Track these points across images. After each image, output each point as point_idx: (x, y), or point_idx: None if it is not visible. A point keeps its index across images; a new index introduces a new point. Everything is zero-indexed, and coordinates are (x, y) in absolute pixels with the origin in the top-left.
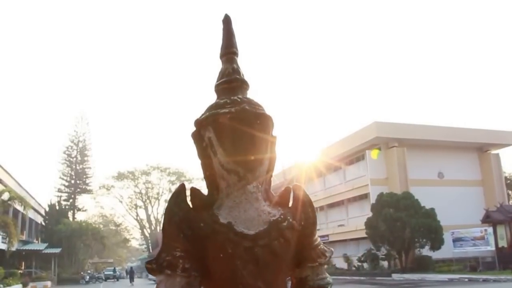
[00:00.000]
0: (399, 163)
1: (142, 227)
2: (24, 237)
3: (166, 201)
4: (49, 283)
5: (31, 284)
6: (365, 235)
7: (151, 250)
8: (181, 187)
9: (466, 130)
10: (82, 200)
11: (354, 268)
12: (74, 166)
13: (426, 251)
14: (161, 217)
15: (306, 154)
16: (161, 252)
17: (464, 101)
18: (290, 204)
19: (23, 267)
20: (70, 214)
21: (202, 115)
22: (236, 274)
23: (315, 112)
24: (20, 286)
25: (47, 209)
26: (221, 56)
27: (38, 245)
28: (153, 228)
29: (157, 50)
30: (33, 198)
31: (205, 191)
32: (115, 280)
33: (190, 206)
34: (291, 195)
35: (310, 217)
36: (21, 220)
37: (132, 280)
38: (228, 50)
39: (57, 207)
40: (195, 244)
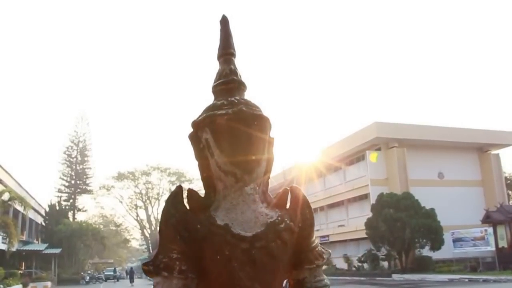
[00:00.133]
0: (399, 164)
1: (142, 228)
2: (24, 238)
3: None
4: (49, 283)
5: (31, 285)
6: (365, 236)
7: (151, 251)
8: (178, 189)
9: (466, 131)
10: (82, 200)
11: (354, 269)
12: (74, 167)
13: (426, 251)
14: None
15: (306, 154)
16: (158, 254)
17: (464, 102)
18: (287, 206)
19: (23, 268)
20: (70, 214)
21: (199, 116)
22: (233, 276)
23: (315, 113)
24: (20, 286)
25: (47, 209)
26: (219, 57)
27: (38, 246)
28: (153, 228)
29: (158, 51)
30: (33, 199)
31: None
32: (115, 280)
33: (187, 207)
34: (289, 196)
35: (307, 219)
36: (21, 221)
37: (132, 281)
38: (226, 51)
39: (57, 208)
40: (192, 246)
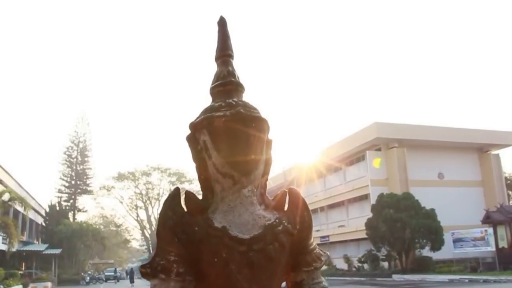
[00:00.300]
0: (399, 164)
1: (142, 228)
2: (24, 238)
3: None
4: (49, 284)
5: (31, 285)
6: (365, 236)
7: (151, 251)
8: (176, 191)
9: (466, 131)
10: (82, 200)
11: (354, 269)
12: (74, 167)
13: (426, 251)
14: None
15: (307, 155)
16: (155, 256)
17: (464, 102)
18: (285, 208)
19: (23, 268)
20: (70, 214)
21: (197, 118)
22: (230, 278)
23: (315, 113)
24: (20, 287)
25: (47, 209)
26: (216, 59)
27: (38, 246)
28: (153, 229)
29: (159, 51)
30: (34, 199)
31: None
32: (116, 281)
33: (185, 209)
34: (287, 198)
35: (305, 221)
36: (21, 221)
37: (132, 281)
38: (224, 52)
39: (58, 208)
40: (189, 248)
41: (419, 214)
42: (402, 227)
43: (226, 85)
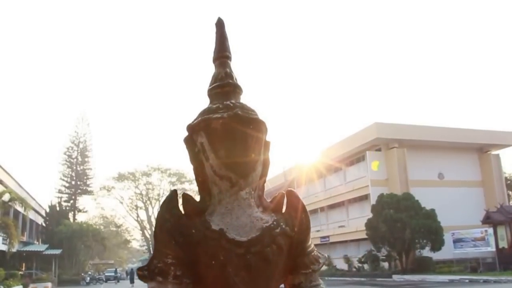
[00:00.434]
0: (399, 164)
1: (142, 228)
2: (24, 238)
3: None
4: (49, 284)
5: (31, 286)
6: (365, 236)
7: (151, 252)
8: (173, 193)
9: (466, 131)
10: (82, 201)
11: (354, 269)
12: (74, 167)
13: (426, 252)
14: None
15: (307, 155)
16: (153, 259)
17: (464, 102)
18: (283, 210)
19: (23, 268)
20: (70, 215)
21: (195, 120)
22: (228, 281)
23: (315, 114)
24: (20, 287)
25: (47, 210)
26: (214, 60)
27: (38, 246)
28: (153, 229)
29: (159, 52)
30: (34, 199)
31: None
32: (116, 281)
33: (182, 212)
34: (285, 200)
35: (303, 223)
36: (21, 221)
37: (132, 281)
38: (221, 54)
39: (58, 208)
40: (186, 251)
41: (419, 214)
42: (402, 228)
43: (223, 86)
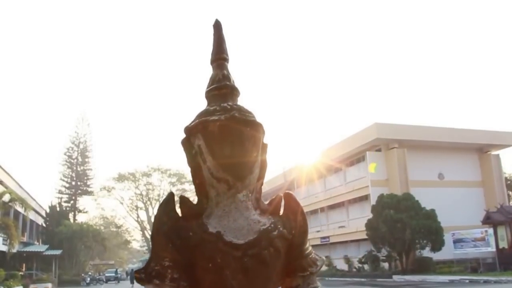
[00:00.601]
0: (399, 164)
1: (143, 229)
2: (25, 239)
3: None
4: (50, 285)
5: (31, 286)
6: (365, 237)
7: None
8: (170, 196)
9: (466, 131)
10: (83, 201)
11: (354, 270)
12: (75, 168)
13: (426, 252)
14: None
15: (307, 155)
16: (150, 262)
17: (464, 102)
18: (281, 213)
19: (24, 269)
20: (71, 215)
21: (192, 122)
22: (225, 284)
23: (315, 114)
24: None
25: (48, 210)
26: (212, 62)
27: (39, 247)
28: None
29: (159, 53)
30: (34, 200)
31: None
32: (116, 282)
33: (179, 215)
34: (282, 203)
35: (301, 226)
36: (22, 222)
37: (132, 282)
38: (219, 56)
39: (58, 209)
40: (184, 253)
41: (419, 214)
42: (403, 228)
43: (221, 88)
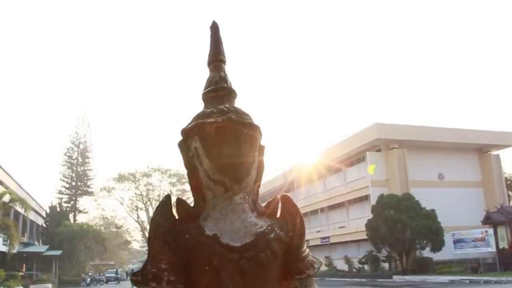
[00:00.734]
0: (399, 165)
1: (143, 229)
2: (25, 239)
3: None
4: (50, 285)
5: (32, 287)
6: (365, 237)
7: None
8: (167, 198)
9: (467, 131)
10: (83, 202)
11: (355, 270)
12: (75, 168)
13: (427, 252)
14: None
15: (307, 156)
16: (147, 264)
17: (464, 102)
18: (278, 215)
19: (24, 269)
20: (71, 216)
21: (189, 124)
22: (222, 286)
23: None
24: None
25: (48, 211)
26: (209, 64)
27: (39, 247)
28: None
29: (160, 53)
30: (34, 200)
31: None
32: (117, 282)
33: (176, 217)
34: (279, 205)
35: (298, 228)
36: (22, 222)
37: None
38: (216, 58)
39: (58, 209)
40: (180, 256)
41: (420, 215)
42: (403, 228)
43: (218, 91)
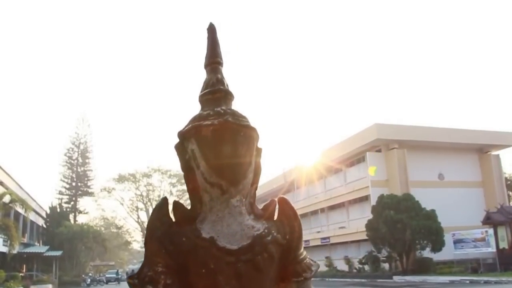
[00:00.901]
0: (399, 165)
1: (143, 230)
2: (25, 240)
3: None
4: (50, 286)
5: (32, 287)
6: (366, 237)
7: None
8: (164, 201)
9: (467, 131)
10: (83, 202)
11: (355, 270)
12: (75, 168)
13: (427, 252)
14: None
15: (307, 156)
16: (143, 267)
17: (464, 102)
18: (275, 217)
19: (24, 270)
20: (71, 216)
21: (185, 126)
22: None
23: (315, 115)
24: None
25: (48, 211)
26: (206, 66)
27: (39, 248)
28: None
29: (160, 54)
30: (34, 201)
31: None
32: (117, 283)
33: (173, 220)
34: (276, 208)
35: (295, 231)
36: (22, 223)
37: None
38: (213, 59)
39: (58, 210)
40: (177, 259)
41: (420, 215)
42: (403, 228)
43: (214, 93)
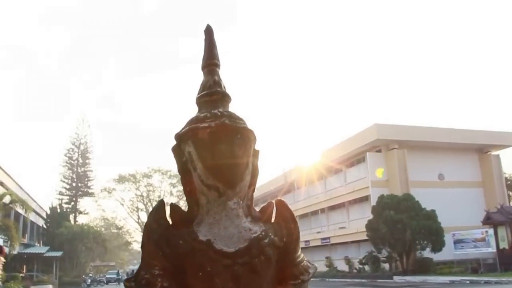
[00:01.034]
0: (399, 165)
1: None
2: (25, 240)
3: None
4: (50, 286)
5: None
6: (366, 237)
7: None
8: (160, 203)
9: (467, 132)
10: (83, 203)
11: (355, 271)
12: (75, 169)
13: (427, 253)
14: None
15: (307, 156)
16: (140, 270)
17: (464, 102)
18: (273, 220)
19: (24, 271)
20: (71, 217)
21: (182, 129)
22: None
23: (315, 115)
24: None
25: (48, 212)
26: (203, 68)
27: (39, 248)
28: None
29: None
30: (35, 201)
31: None
32: (117, 283)
33: (170, 222)
34: (274, 210)
35: (293, 233)
36: (22, 223)
37: None
38: (210, 61)
39: (59, 210)
40: (174, 262)
41: (420, 215)
42: (403, 229)
43: (212, 95)
